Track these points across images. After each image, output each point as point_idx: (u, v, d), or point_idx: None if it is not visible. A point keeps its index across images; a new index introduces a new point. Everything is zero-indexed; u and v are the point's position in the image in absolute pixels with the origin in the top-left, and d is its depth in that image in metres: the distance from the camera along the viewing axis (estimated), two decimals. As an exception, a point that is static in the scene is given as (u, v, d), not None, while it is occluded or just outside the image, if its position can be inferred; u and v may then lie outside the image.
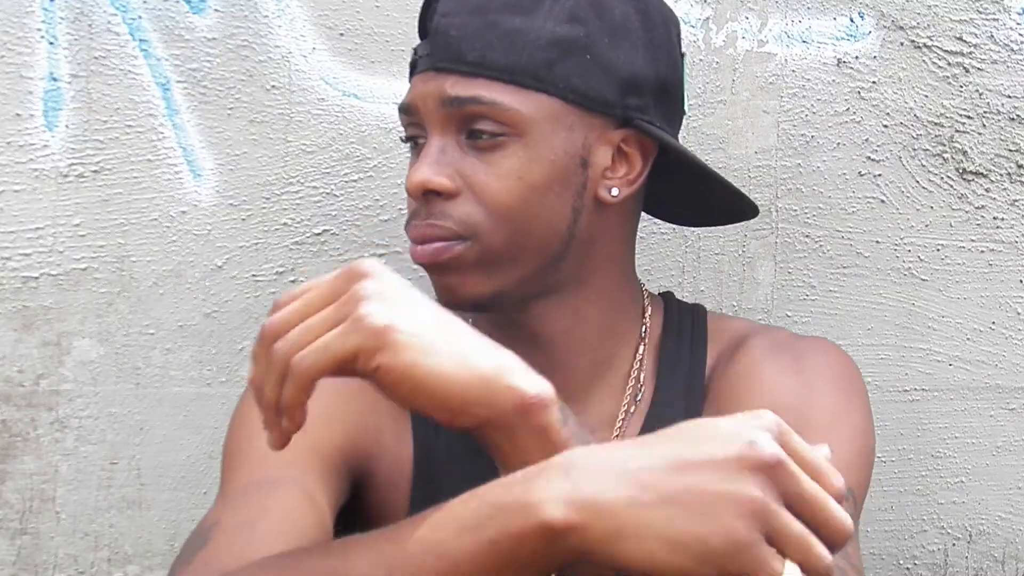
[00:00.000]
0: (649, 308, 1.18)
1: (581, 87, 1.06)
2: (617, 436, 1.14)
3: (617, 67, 1.07)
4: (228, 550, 0.95)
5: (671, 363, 1.15)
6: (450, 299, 1.09)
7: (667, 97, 1.11)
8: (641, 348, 1.15)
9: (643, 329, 1.16)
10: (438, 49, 1.07)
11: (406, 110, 1.10)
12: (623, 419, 1.15)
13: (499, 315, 1.11)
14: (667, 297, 1.22)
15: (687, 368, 1.15)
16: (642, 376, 1.15)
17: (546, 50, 1.05)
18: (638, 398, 1.14)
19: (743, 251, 1.48)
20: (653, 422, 1.13)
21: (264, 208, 1.45)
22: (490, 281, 1.07)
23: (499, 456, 0.83)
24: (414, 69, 1.12)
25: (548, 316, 1.12)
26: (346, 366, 0.79)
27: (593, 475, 0.74)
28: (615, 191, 1.10)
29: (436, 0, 1.10)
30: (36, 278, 1.44)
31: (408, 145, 1.13)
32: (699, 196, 1.20)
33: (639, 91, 1.08)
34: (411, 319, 0.78)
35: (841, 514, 0.75)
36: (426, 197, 1.06)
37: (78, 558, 1.49)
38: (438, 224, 1.06)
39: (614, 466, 0.74)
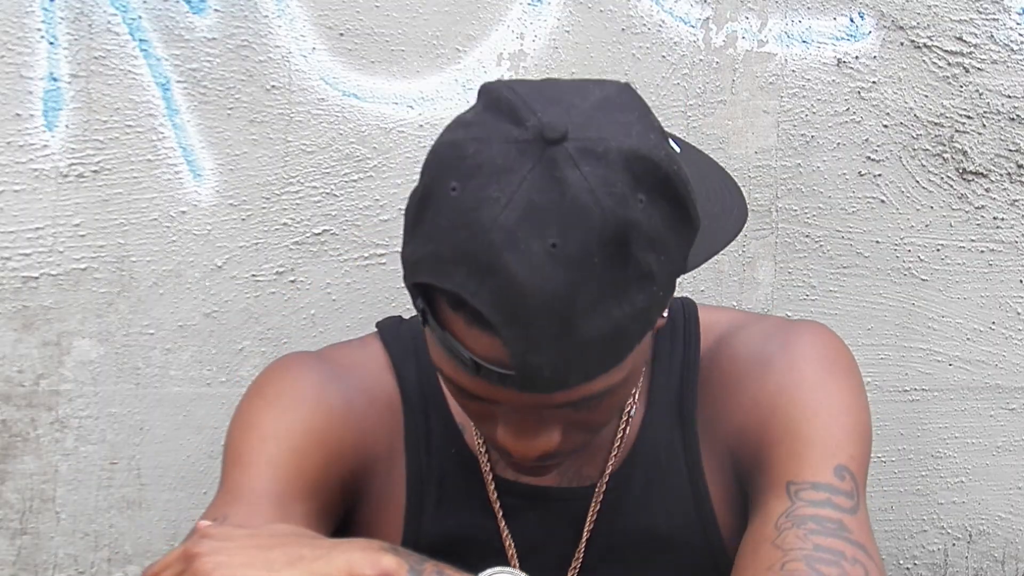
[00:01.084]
0: None
1: (657, 314, 0.98)
2: (620, 436, 1.14)
3: (677, 267, 0.98)
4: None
5: (666, 365, 1.16)
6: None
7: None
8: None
9: None
10: (531, 385, 0.93)
11: (472, 396, 0.98)
12: (626, 420, 1.15)
13: None
14: None
15: (680, 368, 1.15)
16: (635, 389, 1.15)
17: (634, 323, 0.94)
18: (635, 395, 1.15)
19: (743, 251, 1.48)
20: (647, 429, 1.15)
21: (264, 208, 1.45)
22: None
23: None
24: (464, 366, 0.95)
25: None
26: None
27: None
28: (665, 313, 1.04)
29: (464, 309, 0.92)
30: (36, 278, 1.44)
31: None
32: None
33: (689, 247, 1.00)
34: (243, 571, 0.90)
35: None
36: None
37: (78, 558, 1.49)
38: (550, 464, 1.03)
39: None
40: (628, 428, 1.15)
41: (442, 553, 0.95)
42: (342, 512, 1.13)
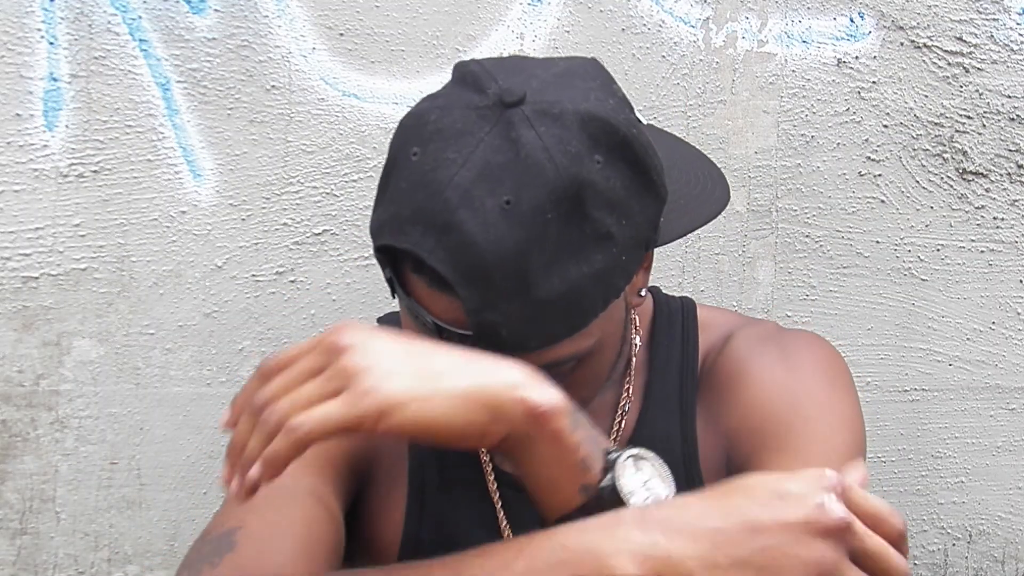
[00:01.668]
0: (636, 315, 1.18)
1: (625, 278, 0.98)
2: (616, 428, 1.14)
3: (642, 229, 0.98)
4: (258, 559, 0.96)
5: (663, 362, 1.16)
6: None
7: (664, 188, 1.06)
8: (632, 355, 1.16)
9: (634, 336, 1.17)
10: (489, 344, 0.91)
11: (430, 325, 0.96)
12: (620, 414, 1.15)
13: None
14: (655, 292, 1.22)
15: (679, 361, 1.16)
16: (631, 383, 1.15)
17: (595, 285, 0.94)
18: (627, 407, 1.15)
19: (743, 251, 1.48)
20: (646, 421, 1.15)
21: (264, 208, 1.45)
22: None
23: (519, 466, 0.85)
24: (427, 330, 0.95)
25: None
26: (348, 431, 0.82)
27: (668, 532, 0.77)
28: (642, 292, 1.06)
29: (416, 266, 0.93)
30: (36, 278, 1.44)
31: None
32: None
33: (657, 219, 1.01)
34: (406, 378, 0.81)
35: (899, 561, 0.80)
36: None
37: (78, 558, 1.49)
38: None
39: (688, 524, 0.77)
40: (624, 423, 1.15)
41: (443, 538, 0.96)
42: (354, 491, 1.13)
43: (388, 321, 1.21)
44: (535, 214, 0.90)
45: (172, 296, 1.45)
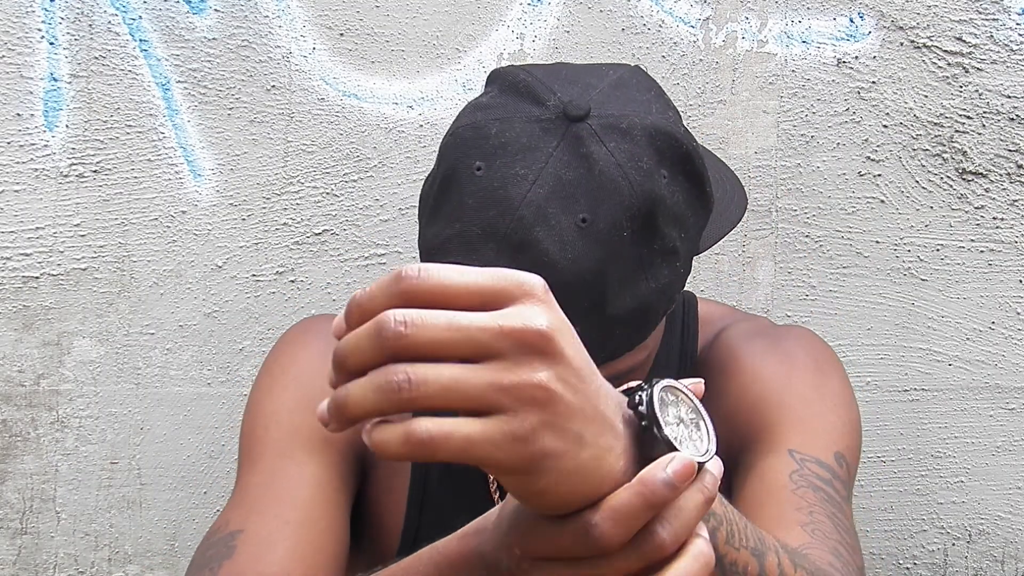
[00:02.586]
0: None
1: (683, 285, 0.99)
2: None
3: (697, 234, 0.99)
4: (254, 565, 0.96)
5: (664, 352, 1.16)
6: None
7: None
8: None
9: None
10: None
11: None
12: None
13: None
14: None
15: (678, 356, 1.16)
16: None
17: (660, 299, 0.95)
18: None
19: (743, 251, 1.48)
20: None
21: (264, 208, 1.45)
22: None
23: None
24: None
25: None
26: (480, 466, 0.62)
27: None
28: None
29: None
30: (36, 278, 1.44)
31: None
32: None
33: (705, 226, 1.03)
34: (574, 442, 0.60)
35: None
36: None
37: (78, 558, 1.49)
38: None
39: None
40: None
41: (444, 527, 0.97)
42: (359, 473, 1.13)
43: None
44: (611, 232, 0.89)
45: (172, 296, 1.45)
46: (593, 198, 0.89)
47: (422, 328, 0.57)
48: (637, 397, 0.64)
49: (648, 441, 0.64)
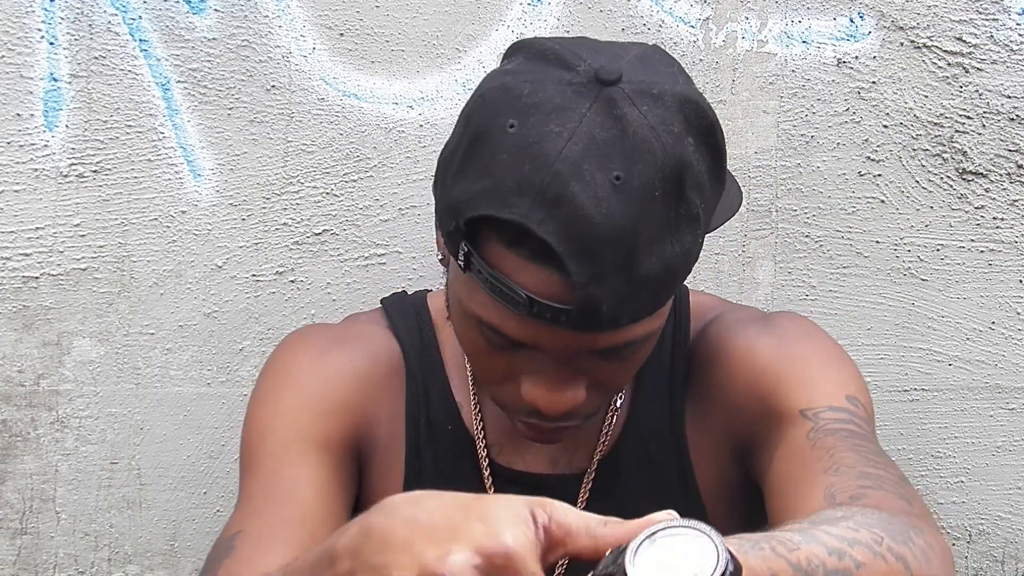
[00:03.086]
0: None
1: (698, 256, 1.01)
2: (608, 423, 1.15)
3: (712, 208, 1.01)
4: (249, 561, 0.97)
5: (656, 349, 1.17)
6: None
7: None
8: None
9: None
10: (586, 322, 0.92)
11: (515, 343, 0.97)
12: (612, 409, 1.16)
13: None
14: None
15: (671, 346, 1.17)
16: None
17: (683, 265, 0.97)
18: (621, 394, 1.16)
19: (743, 251, 1.48)
20: (637, 411, 1.16)
21: (264, 208, 1.45)
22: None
23: None
24: (515, 306, 0.93)
25: None
26: None
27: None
28: None
29: (525, 241, 0.91)
30: (36, 278, 1.44)
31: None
32: None
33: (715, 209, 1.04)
34: None
35: None
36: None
37: (78, 558, 1.49)
38: (567, 426, 1.03)
39: None
40: (616, 416, 1.16)
41: None
42: (356, 471, 1.14)
43: (391, 300, 1.21)
44: (644, 190, 0.90)
45: (172, 296, 1.45)
46: (627, 157, 0.90)
47: None
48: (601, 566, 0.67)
49: None
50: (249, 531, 1.02)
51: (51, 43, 1.40)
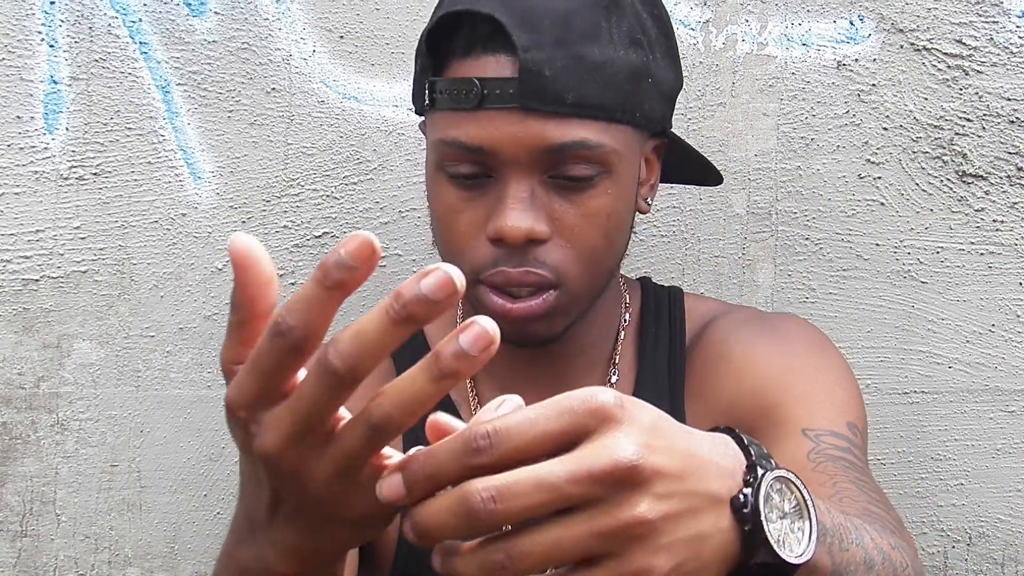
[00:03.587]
0: (627, 295, 1.19)
1: (649, 112, 1.04)
2: None
3: (664, 83, 1.06)
4: None
5: (652, 344, 1.17)
6: (523, 341, 1.06)
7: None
8: (622, 333, 1.17)
9: (623, 314, 1.18)
10: (530, 89, 0.97)
11: (471, 150, 1.00)
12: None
13: None
14: (644, 282, 1.24)
15: (667, 347, 1.17)
16: (618, 359, 1.16)
17: (627, 82, 1.01)
18: (613, 380, 1.16)
19: (743, 253, 1.48)
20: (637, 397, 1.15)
21: (264, 210, 1.45)
22: (566, 319, 1.06)
23: None
24: (479, 100, 0.99)
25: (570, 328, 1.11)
26: None
27: None
28: (649, 199, 1.11)
29: (475, 23, 1.00)
30: (36, 280, 1.44)
31: (454, 174, 1.03)
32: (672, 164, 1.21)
33: (672, 102, 1.09)
34: (688, 549, 0.59)
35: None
36: (524, 243, 1.01)
37: (78, 560, 1.49)
38: (536, 272, 1.02)
39: None
40: None
41: None
42: None
43: None
44: None
45: (172, 298, 1.45)
46: None
47: (512, 498, 0.55)
48: (741, 497, 0.62)
49: (750, 543, 0.62)
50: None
51: (51, 46, 1.40)
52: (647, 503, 0.56)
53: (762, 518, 0.62)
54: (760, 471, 0.63)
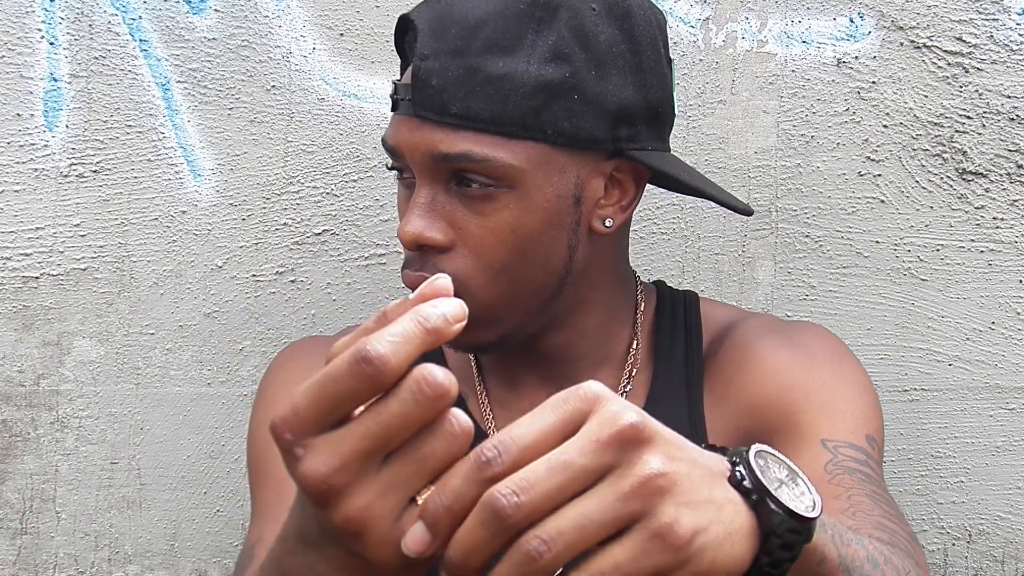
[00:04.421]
0: (643, 302, 1.19)
1: (570, 129, 1.01)
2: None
3: (606, 101, 1.02)
4: None
5: (668, 350, 1.17)
6: (456, 347, 1.09)
7: (658, 116, 1.08)
8: (635, 342, 1.17)
9: (637, 321, 1.18)
10: (420, 98, 1.00)
11: (391, 151, 1.05)
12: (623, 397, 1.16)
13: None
14: (659, 286, 1.23)
15: (683, 352, 1.17)
16: (635, 369, 1.16)
17: (532, 97, 0.99)
18: (628, 388, 1.15)
19: (743, 251, 1.48)
20: (653, 406, 1.15)
21: (264, 208, 1.45)
22: (491, 330, 1.06)
23: None
24: (395, 104, 1.05)
25: (551, 338, 1.12)
26: None
27: None
28: (608, 221, 1.07)
29: (409, 30, 1.03)
30: (36, 278, 1.44)
31: (394, 173, 1.09)
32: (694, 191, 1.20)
33: (630, 120, 1.04)
34: (711, 509, 0.60)
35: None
36: (420, 248, 1.03)
37: (78, 558, 1.49)
38: (432, 263, 1.02)
39: None
40: None
41: None
42: None
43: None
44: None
45: (172, 296, 1.45)
46: None
47: (533, 485, 0.57)
48: (737, 473, 0.63)
49: (765, 513, 0.63)
50: (267, 537, 1.03)
51: (51, 43, 1.40)
52: (659, 459, 0.58)
53: (765, 485, 0.63)
54: (743, 451, 0.65)
